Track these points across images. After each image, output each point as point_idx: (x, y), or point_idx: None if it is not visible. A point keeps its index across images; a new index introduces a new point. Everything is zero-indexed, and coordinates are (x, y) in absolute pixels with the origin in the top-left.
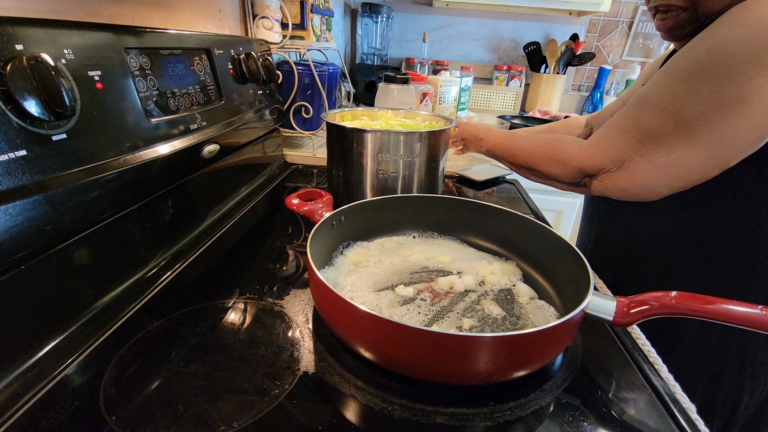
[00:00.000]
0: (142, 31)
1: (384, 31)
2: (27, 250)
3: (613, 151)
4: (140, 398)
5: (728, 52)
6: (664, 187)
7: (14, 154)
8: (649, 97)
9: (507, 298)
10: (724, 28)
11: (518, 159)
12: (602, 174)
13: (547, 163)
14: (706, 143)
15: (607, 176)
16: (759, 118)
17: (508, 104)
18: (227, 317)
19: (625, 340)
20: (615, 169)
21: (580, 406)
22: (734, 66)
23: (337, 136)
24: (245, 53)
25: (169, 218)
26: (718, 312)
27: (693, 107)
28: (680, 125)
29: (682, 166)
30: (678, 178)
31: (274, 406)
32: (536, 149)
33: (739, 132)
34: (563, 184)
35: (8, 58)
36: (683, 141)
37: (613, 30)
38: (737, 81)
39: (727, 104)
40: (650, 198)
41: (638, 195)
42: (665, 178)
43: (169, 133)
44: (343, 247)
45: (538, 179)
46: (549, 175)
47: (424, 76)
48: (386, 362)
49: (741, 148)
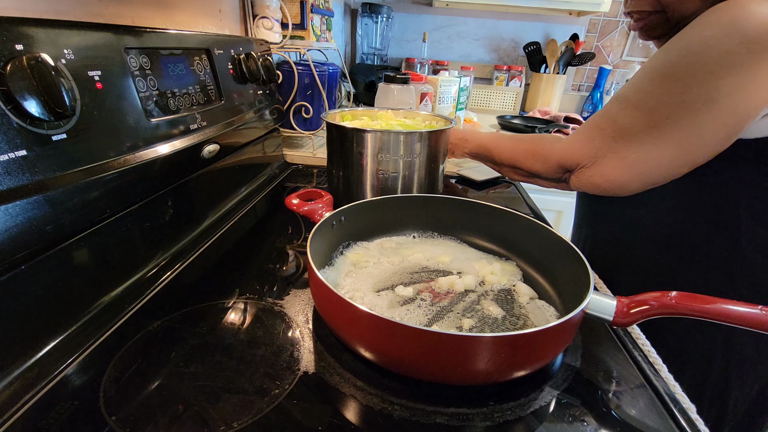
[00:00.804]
0: (142, 31)
1: (384, 31)
2: (27, 250)
3: (589, 146)
4: (140, 398)
5: (697, 53)
6: (634, 183)
7: (14, 154)
8: (624, 96)
9: (507, 298)
10: (694, 30)
11: (502, 157)
12: (578, 170)
13: (529, 159)
14: (675, 141)
15: (582, 172)
16: (726, 117)
17: (508, 104)
18: (227, 317)
19: (625, 340)
20: (589, 164)
21: (580, 406)
22: (703, 66)
23: (337, 136)
24: (245, 53)
25: (169, 218)
26: (718, 312)
27: (664, 106)
28: (651, 123)
29: (652, 163)
30: (648, 175)
31: (274, 406)
32: (519, 146)
33: (707, 131)
34: (545, 180)
35: (8, 58)
36: (653, 139)
37: (613, 30)
38: (706, 81)
39: (696, 104)
40: (622, 193)
41: (610, 190)
42: (635, 174)
43: (169, 133)
44: (343, 248)
45: (521, 177)
46: (531, 171)
47: (422, 76)
48: (386, 362)
49: (710, 146)
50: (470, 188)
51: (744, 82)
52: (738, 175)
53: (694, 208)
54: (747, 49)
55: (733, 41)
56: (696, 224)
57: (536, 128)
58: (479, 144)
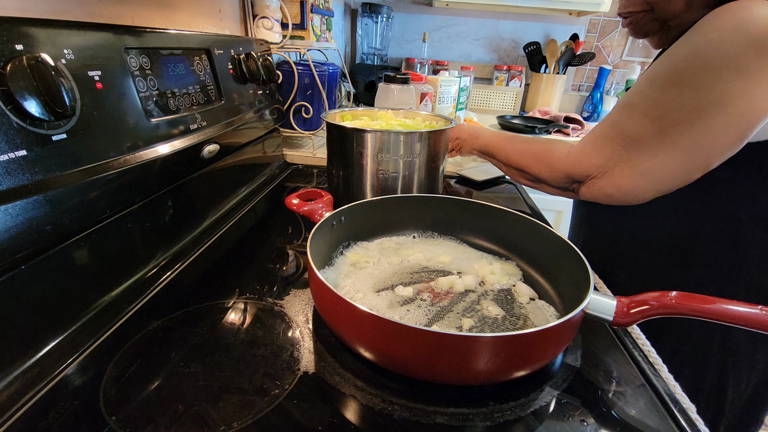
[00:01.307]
0: (142, 31)
1: (384, 31)
2: (27, 250)
3: (598, 157)
4: (140, 398)
5: (704, 58)
6: (648, 192)
7: (14, 154)
8: (631, 104)
9: (507, 298)
10: (699, 34)
11: (510, 158)
12: (589, 180)
13: (536, 165)
14: (687, 147)
15: (593, 183)
16: (737, 120)
17: (508, 104)
18: (227, 317)
19: (625, 340)
20: (600, 175)
21: (580, 406)
22: (711, 71)
23: (337, 136)
24: (245, 53)
25: (169, 218)
26: (718, 312)
27: (673, 113)
28: (662, 131)
29: (665, 170)
30: (661, 182)
31: (274, 406)
32: (528, 150)
33: (718, 135)
34: (552, 188)
35: (8, 58)
36: (665, 146)
37: (613, 30)
38: (715, 86)
39: (706, 109)
40: (635, 202)
41: (623, 200)
42: (649, 182)
43: (169, 133)
44: (343, 248)
45: (529, 182)
46: (538, 178)
47: (422, 76)
48: (386, 362)
49: (721, 150)
50: (470, 188)
51: (752, 84)
52: (739, 178)
53: (694, 211)
54: (754, 52)
55: (739, 44)
56: (695, 226)
57: (536, 128)
58: (489, 142)
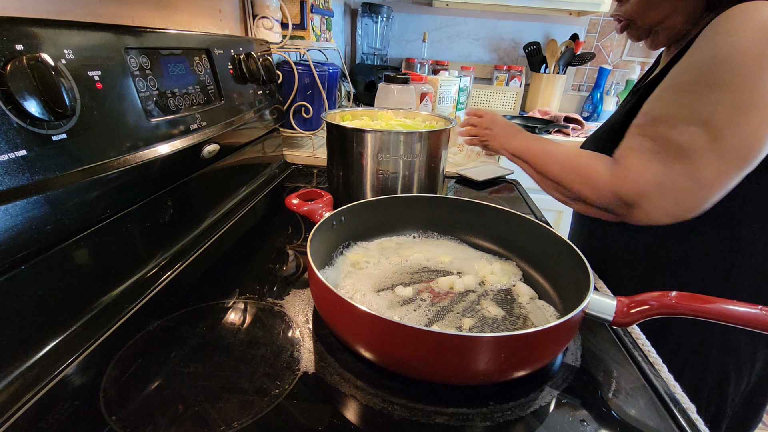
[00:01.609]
0: (142, 31)
1: (384, 31)
2: (27, 250)
3: (649, 174)
4: (140, 398)
5: (736, 60)
6: (709, 203)
7: (14, 154)
8: (667, 115)
9: (507, 298)
10: (719, 38)
11: (549, 170)
12: (643, 202)
13: (579, 183)
14: (737, 148)
15: (651, 204)
16: None
17: (508, 104)
18: (227, 317)
19: (625, 340)
20: (657, 195)
21: (580, 406)
22: (746, 71)
23: (337, 136)
24: (245, 53)
25: (169, 218)
26: (718, 312)
27: (718, 116)
28: (712, 136)
29: (724, 177)
30: (720, 190)
31: (274, 406)
32: (571, 164)
33: (761, 133)
34: (592, 207)
35: (8, 58)
36: (718, 153)
37: (613, 30)
38: (753, 85)
39: (748, 108)
40: (693, 216)
41: (685, 217)
42: (710, 193)
43: (169, 133)
44: (343, 248)
45: (564, 198)
46: (578, 196)
47: (422, 76)
48: (386, 362)
49: (762, 148)
50: (470, 188)
51: None
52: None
53: None
54: None
55: (765, 44)
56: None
57: (536, 128)
58: (525, 146)
